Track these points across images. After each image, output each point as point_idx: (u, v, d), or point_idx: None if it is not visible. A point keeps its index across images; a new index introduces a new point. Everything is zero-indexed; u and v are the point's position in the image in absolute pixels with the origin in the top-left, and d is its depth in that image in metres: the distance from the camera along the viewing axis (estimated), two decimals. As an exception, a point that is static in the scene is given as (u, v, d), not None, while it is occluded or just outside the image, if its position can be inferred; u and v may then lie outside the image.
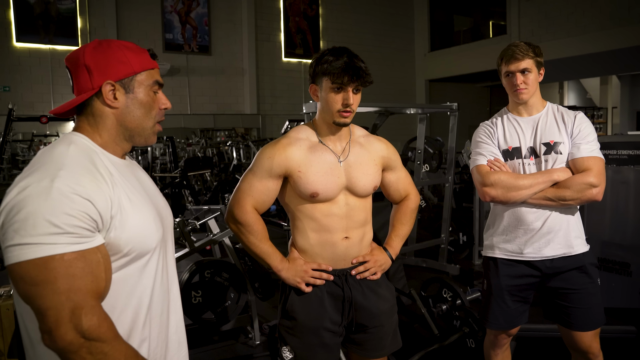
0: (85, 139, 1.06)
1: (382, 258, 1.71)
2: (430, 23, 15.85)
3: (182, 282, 2.98)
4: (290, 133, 1.66)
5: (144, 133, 1.12)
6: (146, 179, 1.20)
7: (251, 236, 1.61)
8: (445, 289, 3.16)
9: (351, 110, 1.54)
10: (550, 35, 11.98)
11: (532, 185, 1.84)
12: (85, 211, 0.91)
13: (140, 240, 1.02)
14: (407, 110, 4.75)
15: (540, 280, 1.95)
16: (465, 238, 4.87)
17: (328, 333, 1.64)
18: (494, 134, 1.99)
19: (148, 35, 11.74)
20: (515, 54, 1.87)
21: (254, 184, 1.60)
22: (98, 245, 0.94)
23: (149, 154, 9.41)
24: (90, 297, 0.91)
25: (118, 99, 1.07)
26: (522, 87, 1.89)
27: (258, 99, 13.42)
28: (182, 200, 6.90)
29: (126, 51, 1.07)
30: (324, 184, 1.56)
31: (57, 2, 10.76)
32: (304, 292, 1.61)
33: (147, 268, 1.07)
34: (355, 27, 14.53)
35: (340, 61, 1.49)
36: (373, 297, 1.68)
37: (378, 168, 1.69)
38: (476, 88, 16.54)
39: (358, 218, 1.64)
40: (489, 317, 2.02)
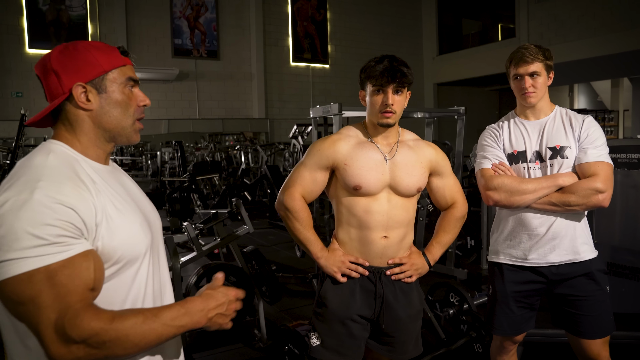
0: (65, 147, 1.03)
1: (419, 262, 1.74)
2: (438, 27, 15.83)
3: (190, 286, 3.00)
4: (342, 130, 1.75)
5: (125, 132, 1.08)
6: (131, 184, 1.18)
7: (297, 222, 1.70)
8: (452, 293, 3.15)
9: (392, 111, 1.60)
10: (560, 38, 11.91)
11: (536, 189, 1.82)
12: (68, 220, 0.89)
13: (129, 247, 1.00)
14: (414, 114, 4.74)
15: (546, 287, 1.92)
16: (473, 242, 4.84)
17: (356, 325, 1.69)
18: (500, 137, 1.97)
19: (157, 41, 11.86)
20: (524, 56, 1.85)
21: (304, 174, 1.70)
22: (85, 250, 0.91)
23: (158, 158, 9.48)
24: (77, 301, 0.88)
25: (91, 101, 1.03)
26: (530, 91, 1.87)
27: (266, 103, 13.48)
28: (191, 204, 6.94)
29: (94, 51, 1.04)
30: (367, 178, 1.62)
31: (68, 10, 10.91)
32: (339, 282, 1.68)
33: (139, 275, 1.04)
34: (363, 31, 14.56)
35: (380, 65, 1.60)
36: (403, 299, 1.72)
37: (424, 171, 1.71)
38: (485, 91, 16.47)
39: (399, 218, 1.67)
40: (494, 323, 2.00)
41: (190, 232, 3.14)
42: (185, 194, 6.92)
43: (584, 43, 11.24)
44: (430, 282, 3.44)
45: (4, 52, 10.73)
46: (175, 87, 12.23)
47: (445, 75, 15.53)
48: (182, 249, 4.96)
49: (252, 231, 3.34)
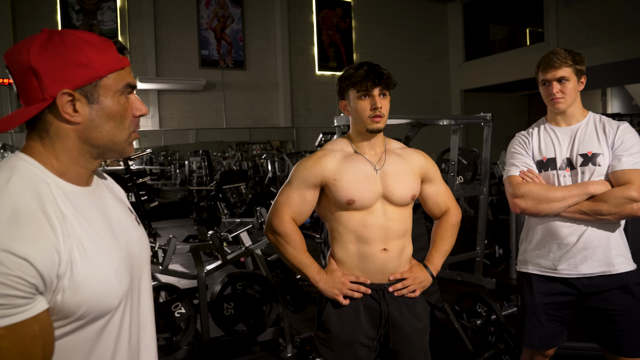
0: (35, 165, 0.82)
1: (421, 275, 1.68)
2: (464, 32, 15.66)
3: (215, 294, 3.03)
4: (325, 146, 1.70)
5: (117, 148, 0.89)
6: (115, 208, 0.96)
7: (289, 247, 1.63)
8: (480, 303, 3.08)
9: (381, 114, 1.56)
10: (590, 41, 11.62)
11: (565, 197, 1.76)
12: (18, 275, 0.70)
13: (97, 302, 0.81)
14: (439, 122, 4.70)
15: (578, 299, 1.85)
16: (501, 251, 4.74)
17: (363, 348, 1.63)
18: (529, 144, 1.93)
19: (184, 53, 12.11)
20: (552, 61, 1.81)
21: (291, 195, 1.63)
22: (36, 314, 0.73)
23: (186, 167, 9.64)
24: None
25: (79, 112, 0.83)
26: (558, 97, 1.82)
27: (292, 112, 13.56)
28: (218, 213, 7.03)
29: (86, 48, 0.82)
30: (360, 191, 1.57)
31: (100, 24, 11.26)
32: (341, 304, 1.61)
33: (107, 329, 0.86)
34: (389, 38, 14.53)
35: (361, 70, 1.56)
36: (409, 315, 1.66)
37: (416, 178, 1.67)
38: (513, 97, 16.18)
39: (397, 229, 1.62)
40: (523, 336, 1.94)
41: (214, 240, 3.17)
42: (212, 203, 7.01)
43: (617, 45, 10.93)
44: (457, 292, 3.38)
45: (40, 66, 11.10)
46: (203, 97, 12.45)
47: (472, 82, 15.33)
48: (207, 257, 5.02)
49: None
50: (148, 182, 8.85)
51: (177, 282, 3.44)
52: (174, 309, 2.89)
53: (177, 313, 2.90)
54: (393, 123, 4.40)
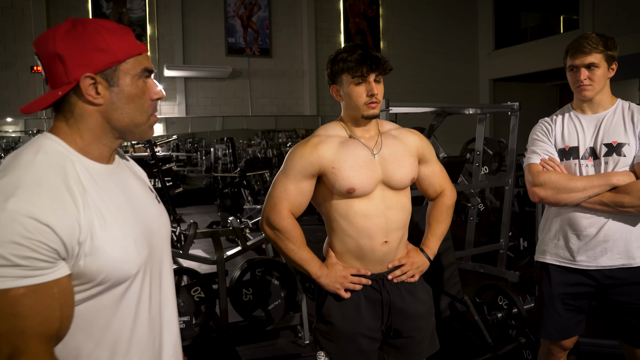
0: (60, 144, 0.89)
1: (419, 260, 1.65)
2: (495, 20, 15.26)
3: (234, 280, 3.06)
4: (318, 131, 1.63)
5: (138, 130, 0.95)
6: (136, 185, 1.03)
7: (289, 242, 1.58)
8: (501, 296, 3.03)
9: (377, 100, 1.51)
10: (630, 27, 11.15)
11: (586, 187, 1.70)
12: (40, 239, 0.77)
13: (116, 268, 0.87)
14: (465, 111, 4.60)
15: (597, 291, 1.81)
16: (526, 244, 4.64)
17: (365, 339, 1.61)
18: (552, 131, 1.86)
19: (211, 40, 12.18)
20: (582, 46, 1.73)
21: (288, 187, 1.56)
22: (57, 278, 0.80)
23: (212, 154, 9.74)
24: (35, 342, 0.77)
25: (101, 94, 0.89)
26: (585, 84, 1.75)
27: (318, 100, 13.52)
28: (241, 199, 7.09)
29: (106, 34, 0.89)
30: (360, 179, 1.52)
31: (129, 12, 11.42)
32: (343, 297, 1.58)
33: (127, 296, 0.91)
34: (417, 26, 14.29)
35: (355, 54, 1.49)
36: (411, 300, 1.64)
37: (414, 159, 1.62)
38: (544, 87, 15.73)
39: (397, 218, 1.58)
40: (540, 326, 1.91)
41: (235, 226, 3.20)
42: (236, 190, 7.07)
43: (658, 33, 10.48)
44: (480, 285, 3.33)
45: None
46: (229, 85, 12.52)
47: (502, 71, 14.95)
48: (230, 243, 5.08)
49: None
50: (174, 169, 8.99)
51: (198, 267, 3.49)
52: (194, 293, 2.93)
53: (197, 297, 2.94)
54: (417, 111, 4.33)
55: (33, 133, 10.35)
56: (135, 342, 0.94)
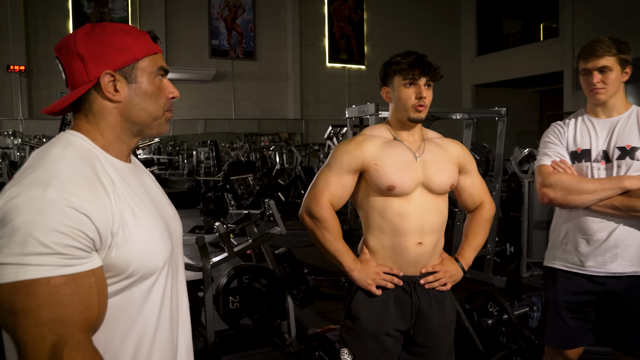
0: (85, 140, 0.92)
1: (453, 269, 1.64)
2: (477, 26, 15.47)
3: (220, 287, 2.97)
4: (364, 131, 1.66)
5: (155, 124, 0.98)
6: (153, 184, 1.07)
7: (327, 232, 1.59)
8: (492, 302, 3.00)
9: (425, 105, 1.54)
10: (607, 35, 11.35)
11: (597, 190, 1.67)
12: (80, 228, 0.78)
13: (145, 260, 0.89)
14: (453, 115, 4.60)
15: (603, 298, 1.76)
16: (512, 249, 4.65)
17: (390, 339, 1.59)
18: (564, 134, 1.83)
19: (195, 42, 12.06)
20: (594, 50, 1.70)
21: (331, 179, 1.59)
22: (93, 268, 0.81)
23: (194, 157, 9.61)
24: (77, 330, 0.78)
25: (120, 91, 0.92)
26: (598, 87, 1.72)
27: (302, 104, 13.49)
28: (225, 204, 6.99)
29: (124, 35, 0.93)
30: (401, 177, 1.53)
31: (111, 12, 11.23)
32: (374, 294, 1.58)
33: (154, 290, 0.93)
34: (400, 31, 14.40)
35: (409, 58, 1.54)
36: (437, 309, 1.62)
37: (454, 167, 1.64)
38: (526, 93, 15.98)
39: (433, 221, 1.58)
40: (545, 334, 1.86)
41: (221, 232, 3.12)
42: (219, 194, 6.97)
43: (636, 41, 10.70)
44: (467, 290, 3.30)
45: (52, 54, 11.08)
46: (212, 87, 12.41)
47: (484, 77, 15.16)
48: (214, 248, 4.97)
49: (284, 233, 3.29)
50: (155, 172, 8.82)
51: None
52: (179, 301, 2.84)
53: (182, 305, 2.85)
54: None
55: (8, 134, 10.06)
56: (159, 337, 0.95)
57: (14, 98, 10.92)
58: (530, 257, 4.65)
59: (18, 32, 10.73)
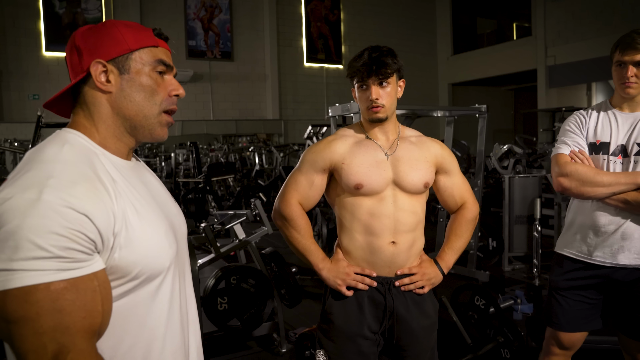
0: (82, 137, 0.89)
1: (431, 272, 1.59)
2: (453, 26, 15.69)
3: (208, 289, 2.94)
4: (337, 131, 1.65)
5: (147, 122, 0.92)
6: (155, 183, 1.04)
7: (294, 231, 1.59)
8: (478, 296, 3.04)
9: (379, 105, 1.51)
10: (578, 35, 11.69)
11: (612, 184, 1.68)
12: (80, 229, 0.74)
13: (151, 260, 0.85)
14: (434, 113, 4.65)
15: (608, 285, 1.80)
16: (495, 244, 4.73)
17: (366, 341, 1.57)
18: (585, 124, 1.83)
19: (171, 43, 11.74)
20: (635, 42, 1.68)
21: (299, 179, 1.60)
22: (95, 271, 0.77)
23: (173, 159, 9.49)
24: (80, 338, 0.74)
25: (112, 82, 0.89)
26: (632, 81, 1.71)
27: (280, 104, 13.45)
28: (206, 205, 6.91)
29: (122, 28, 0.90)
30: (369, 176, 1.51)
31: (84, 12, 10.98)
32: (345, 295, 1.55)
33: (161, 292, 0.89)
34: (377, 31, 14.49)
35: (360, 60, 1.52)
36: (415, 311, 1.59)
37: (429, 165, 1.59)
38: (500, 91, 16.27)
39: (407, 221, 1.54)
40: (551, 317, 1.89)
41: (208, 233, 3.08)
42: (201, 195, 6.89)
43: (604, 40, 11.02)
44: (451, 285, 3.35)
45: (22, 55, 10.84)
46: (189, 88, 12.26)
47: (460, 75, 15.37)
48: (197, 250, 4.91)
49: (270, 232, 3.27)
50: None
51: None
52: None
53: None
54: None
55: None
56: (169, 340, 0.92)
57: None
58: (511, 252, 4.74)
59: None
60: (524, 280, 4.43)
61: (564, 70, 11.93)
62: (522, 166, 6.15)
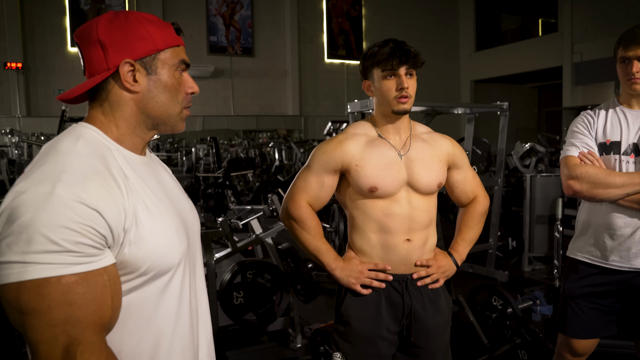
0: (97, 132, 0.89)
1: (446, 264, 1.59)
2: (476, 22, 15.45)
3: (224, 283, 2.97)
4: (347, 129, 1.60)
5: (170, 121, 0.94)
6: (168, 178, 1.04)
7: (305, 232, 1.55)
8: (496, 296, 3.00)
9: (408, 95, 1.47)
10: (606, 32, 11.38)
11: (625, 185, 1.63)
12: (91, 225, 0.75)
13: (160, 257, 0.86)
14: (455, 110, 4.59)
15: (625, 290, 1.74)
16: (514, 243, 4.66)
17: (384, 342, 1.55)
18: (593, 124, 1.77)
19: (193, 38, 12.01)
20: (637, 37, 1.63)
21: (309, 179, 1.55)
22: (105, 265, 0.78)
23: (193, 154, 9.59)
24: (90, 331, 0.75)
25: (139, 82, 0.89)
26: (637, 77, 1.66)
27: (300, 100, 13.46)
28: (225, 200, 6.97)
29: (147, 25, 0.89)
30: (383, 178, 1.48)
31: (108, 8, 11.16)
32: (360, 294, 1.53)
33: (170, 288, 0.90)
34: (399, 27, 14.36)
35: (386, 48, 1.46)
36: (431, 308, 1.57)
37: (443, 165, 1.57)
38: (524, 89, 15.98)
39: (421, 219, 1.53)
40: (564, 324, 1.84)
41: (225, 228, 3.11)
42: (220, 190, 6.95)
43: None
44: (469, 284, 3.31)
45: (49, 51, 11.10)
46: (211, 84, 12.37)
47: (483, 72, 15.14)
48: (215, 245, 4.96)
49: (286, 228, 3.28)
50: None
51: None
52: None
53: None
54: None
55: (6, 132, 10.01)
56: (178, 337, 0.92)
57: (12, 96, 10.86)
58: (532, 252, 4.66)
59: (14, 29, 10.67)
60: (543, 281, 4.34)
61: (591, 68, 11.63)
62: (544, 165, 6.03)
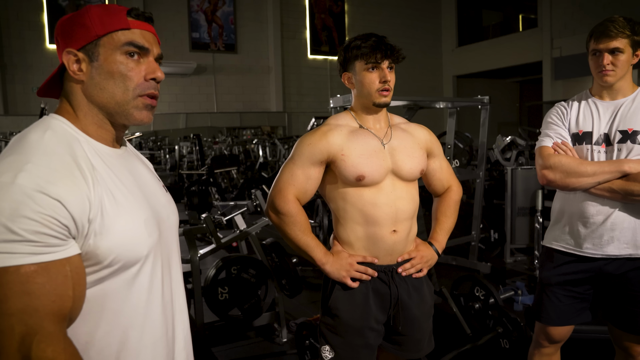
0: (66, 123, 0.89)
1: (428, 254, 1.63)
2: (458, 18, 15.56)
3: (209, 279, 2.96)
4: (329, 120, 1.60)
5: (120, 109, 0.90)
6: (145, 171, 1.03)
7: (294, 227, 1.54)
8: (478, 287, 3.05)
9: (389, 88, 1.51)
10: (585, 27, 11.52)
11: (596, 173, 1.66)
12: (52, 215, 0.75)
13: (126, 248, 0.85)
14: (436, 104, 4.63)
15: (598, 278, 1.78)
16: (496, 235, 4.73)
17: (372, 333, 1.57)
18: (567, 115, 1.82)
19: (175, 35, 11.90)
20: (607, 30, 1.66)
21: (296, 172, 1.53)
22: (69, 256, 0.78)
23: (176, 152, 9.52)
24: (48, 321, 0.75)
25: (84, 70, 0.88)
26: (608, 69, 1.68)
27: (284, 96, 13.43)
28: (209, 197, 6.94)
29: (93, 12, 0.88)
30: (370, 166, 1.50)
31: (86, 4, 10.98)
32: (350, 287, 1.54)
33: (138, 280, 0.89)
34: (382, 23, 14.40)
35: (369, 41, 1.49)
36: (416, 297, 1.61)
37: (423, 152, 1.62)
38: (506, 84, 16.16)
39: (406, 208, 1.56)
40: (540, 312, 1.88)
41: (209, 224, 3.10)
42: (204, 187, 6.92)
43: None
44: (453, 276, 3.35)
45: (26, 48, 10.88)
46: (193, 81, 12.27)
47: (465, 67, 15.27)
48: (199, 242, 4.94)
49: (271, 223, 3.28)
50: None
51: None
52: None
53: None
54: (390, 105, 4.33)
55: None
56: (149, 330, 0.92)
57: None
58: (513, 243, 4.73)
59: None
60: (525, 272, 4.42)
61: (570, 62, 11.82)
62: (524, 158, 6.13)
